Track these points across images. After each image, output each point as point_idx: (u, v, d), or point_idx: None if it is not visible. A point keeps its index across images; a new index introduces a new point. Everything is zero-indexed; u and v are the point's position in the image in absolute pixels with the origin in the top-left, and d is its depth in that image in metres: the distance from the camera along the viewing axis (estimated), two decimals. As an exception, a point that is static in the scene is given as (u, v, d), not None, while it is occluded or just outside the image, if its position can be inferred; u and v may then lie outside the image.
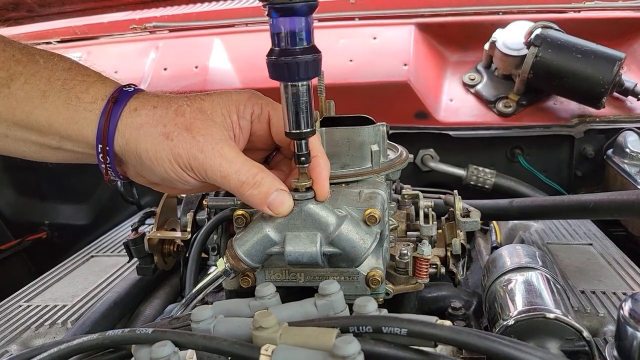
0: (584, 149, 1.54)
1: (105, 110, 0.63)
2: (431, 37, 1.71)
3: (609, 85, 1.39)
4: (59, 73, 0.63)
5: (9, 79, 0.62)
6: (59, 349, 0.58)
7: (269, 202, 0.64)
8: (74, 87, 0.63)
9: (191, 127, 0.62)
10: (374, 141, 0.78)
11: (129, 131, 0.63)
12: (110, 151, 0.64)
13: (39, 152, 0.67)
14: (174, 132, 0.62)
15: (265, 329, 0.51)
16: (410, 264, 0.77)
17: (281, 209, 0.64)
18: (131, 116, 0.63)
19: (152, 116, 0.63)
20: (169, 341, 0.53)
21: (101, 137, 0.63)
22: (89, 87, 0.64)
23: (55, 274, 1.20)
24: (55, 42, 1.96)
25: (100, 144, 0.64)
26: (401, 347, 0.50)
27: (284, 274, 0.72)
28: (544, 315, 0.69)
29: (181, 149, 0.62)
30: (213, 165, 0.62)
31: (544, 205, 1.06)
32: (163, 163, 0.63)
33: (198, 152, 0.62)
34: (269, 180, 0.64)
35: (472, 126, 1.56)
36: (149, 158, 0.63)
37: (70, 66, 0.65)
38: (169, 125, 0.62)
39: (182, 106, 0.64)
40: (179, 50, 1.79)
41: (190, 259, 0.91)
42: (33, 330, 0.95)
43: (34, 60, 0.63)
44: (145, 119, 0.63)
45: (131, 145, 0.63)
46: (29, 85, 0.62)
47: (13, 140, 0.66)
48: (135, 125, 0.63)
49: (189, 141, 0.62)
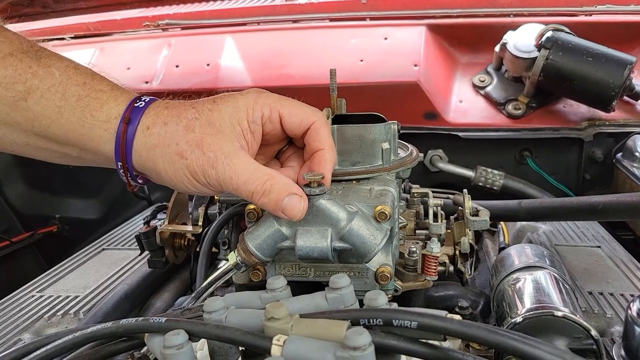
0: (593, 152, 1.54)
1: (120, 131, 0.65)
2: (442, 38, 1.71)
3: (619, 88, 1.39)
4: (74, 89, 0.65)
5: (26, 92, 0.63)
6: (73, 337, 0.59)
7: (282, 207, 0.64)
8: (88, 105, 0.65)
9: (202, 144, 0.64)
10: (385, 139, 0.79)
11: (145, 151, 0.65)
12: (129, 167, 0.67)
13: (61, 158, 0.70)
14: (187, 150, 0.64)
15: (277, 320, 0.52)
16: (419, 261, 0.78)
17: (294, 212, 0.65)
18: (145, 136, 0.65)
19: (165, 135, 0.65)
20: (182, 330, 0.54)
21: (119, 156, 0.66)
22: (102, 105, 0.65)
23: (67, 265, 1.22)
24: (69, 37, 1.98)
25: (120, 162, 0.66)
26: (411, 340, 0.51)
27: (294, 269, 0.73)
28: (552, 313, 0.69)
29: (195, 166, 0.64)
30: (225, 179, 0.64)
31: (552, 207, 1.07)
32: (182, 180, 0.65)
33: (210, 168, 0.64)
34: (279, 186, 0.64)
35: (482, 128, 1.56)
36: (168, 176, 0.66)
37: (84, 80, 0.66)
38: (181, 144, 0.64)
39: (192, 120, 0.65)
40: (191, 48, 1.80)
41: (202, 253, 0.93)
42: (46, 319, 0.97)
43: (50, 73, 0.64)
44: (158, 139, 0.65)
45: (149, 165, 0.66)
46: (45, 100, 0.64)
47: (34, 148, 0.68)
48: (150, 146, 0.65)
49: (201, 158, 0.64)
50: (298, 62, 1.65)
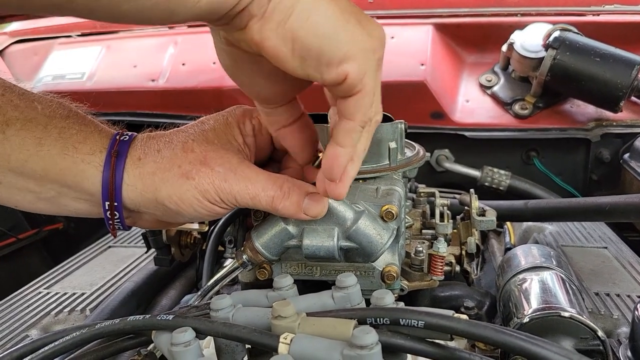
0: (600, 152, 1.53)
1: (109, 164, 0.61)
2: (449, 38, 1.70)
3: (627, 89, 1.38)
4: (57, 121, 0.61)
5: (4, 124, 0.59)
6: (81, 333, 0.60)
7: (304, 208, 0.63)
8: (71, 137, 0.61)
9: (206, 161, 0.61)
10: (392, 138, 0.79)
11: (141, 182, 0.61)
12: (119, 207, 0.62)
13: (34, 203, 0.64)
14: (192, 170, 0.60)
15: (284, 318, 0.53)
16: (426, 261, 0.78)
17: (317, 211, 0.63)
18: (137, 167, 0.61)
19: (161, 161, 0.61)
20: (189, 327, 0.54)
21: (107, 194, 0.61)
22: (86, 138, 0.61)
23: (74, 263, 1.22)
24: (75, 35, 1.98)
25: (108, 202, 0.61)
26: (418, 340, 0.51)
27: (300, 268, 0.73)
28: (559, 313, 0.69)
29: (205, 184, 0.60)
30: (240, 190, 0.61)
31: (559, 207, 1.06)
32: (192, 203, 0.61)
33: (222, 182, 0.61)
34: (297, 187, 0.63)
35: (488, 127, 1.56)
36: (175, 203, 0.61)
37: (68, 114, 0.62)
38: (184, 165, 0.61)
39: (187, 142, 0.63)
40: (197, 46, 1.80)
41: (208, 251, 0.93)
42: (53, 316, 0.97)
43: (31, 107, 0.61)
44: (155, 166, 0.61)
45: (148, 196, 0.61)
46: (25, 131, 0.59)
47: (6, 188, 0.62)
48: (147, 174, 0.61)
49: (209, 174, 0.61)
50: (304, 61, 1.65)
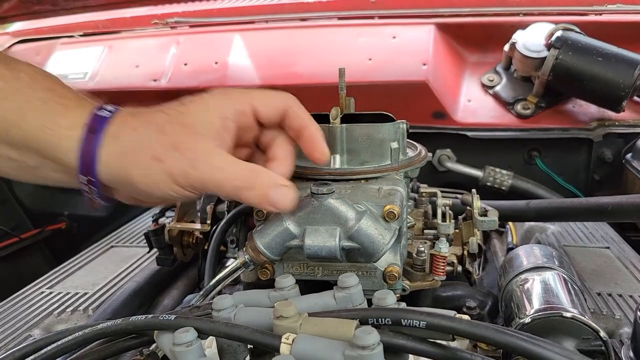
0: (603, 152, 1.53)
1: (84, 141, 0.61)
2: (450, 38, 1.70)
3: (630, 89, 1.38)
4: (40, 93, 0.62)
5: None
6: (83, 333, 0.60)
7: (269, 200, 0.62)
8: (52, 109, 0.61)
9: (179, 145, 0.61)
10: (394, 138, 0.79)
11: (114, 161, 0.61)
12: (95, 182, 0.62)
13: (19, 170, 0.65)
14: (163, 153, 0.61)
15: (286, 319, 0.53)
16: (427, 261, 0.78)
17: (283, 204, 0.63)
18: (113, 144, 0.61)
19: (136, 141, 0.61)
20: (191, 327, 0.54)
21: (84, 169, 0.61)
22: (67, 112, 0.62)
23: (76, 262, 1.22)
24: (77, 35, 1.99)
25: (84, 176, 0.62)
26: (419, 340, 0.51)
27: (302, 268, 0.73)
28: (561, 314, 0.69)
29: (174, 168, 0.61)
30: (208, 178, 0.62)
31: (561, 207, 1.06)
32: (161, 186, 0.62)
33: (191, 169, 0.61)
34: (265, 178, 0.63)
35: (490, 127, 1.55)
36: (145, 184, 0.62)
37: (52, 87, 0.63)
38: (156, 148, 0.61)
39: (163, 124, 0.63)
40: (199, 46, 1.80)
41: (210, 251, 0.93)
42: (55, 316, 0.97)
43: (17, 77, 0.62)
44: (129, 146, 0.61)
45: (121, 175, 0.62)
46: (9, 102, 0.60)
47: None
48: (120, 154, 0.61)
49: (179, 159, 0.61)
50: (306, 61, 1.65)
